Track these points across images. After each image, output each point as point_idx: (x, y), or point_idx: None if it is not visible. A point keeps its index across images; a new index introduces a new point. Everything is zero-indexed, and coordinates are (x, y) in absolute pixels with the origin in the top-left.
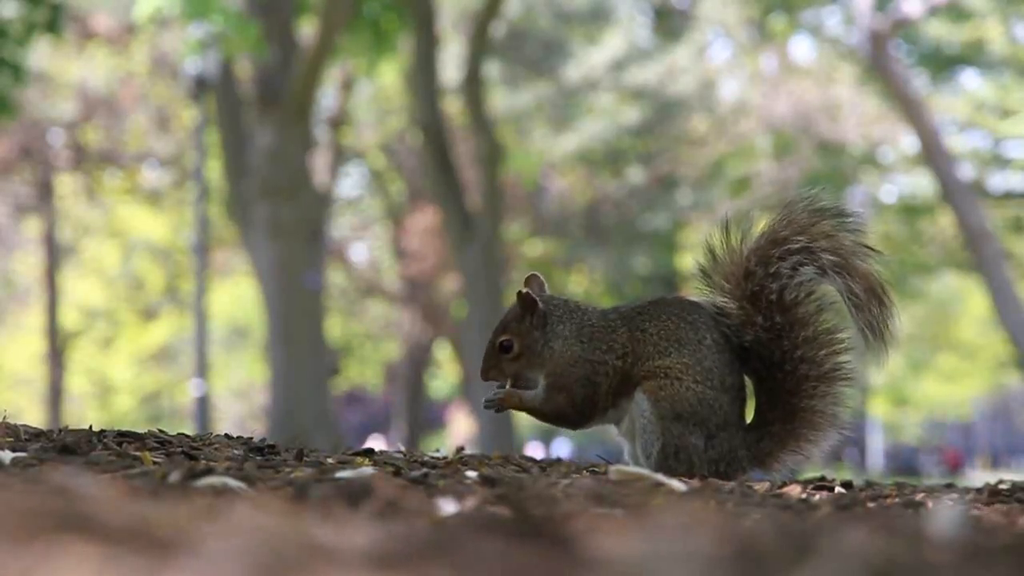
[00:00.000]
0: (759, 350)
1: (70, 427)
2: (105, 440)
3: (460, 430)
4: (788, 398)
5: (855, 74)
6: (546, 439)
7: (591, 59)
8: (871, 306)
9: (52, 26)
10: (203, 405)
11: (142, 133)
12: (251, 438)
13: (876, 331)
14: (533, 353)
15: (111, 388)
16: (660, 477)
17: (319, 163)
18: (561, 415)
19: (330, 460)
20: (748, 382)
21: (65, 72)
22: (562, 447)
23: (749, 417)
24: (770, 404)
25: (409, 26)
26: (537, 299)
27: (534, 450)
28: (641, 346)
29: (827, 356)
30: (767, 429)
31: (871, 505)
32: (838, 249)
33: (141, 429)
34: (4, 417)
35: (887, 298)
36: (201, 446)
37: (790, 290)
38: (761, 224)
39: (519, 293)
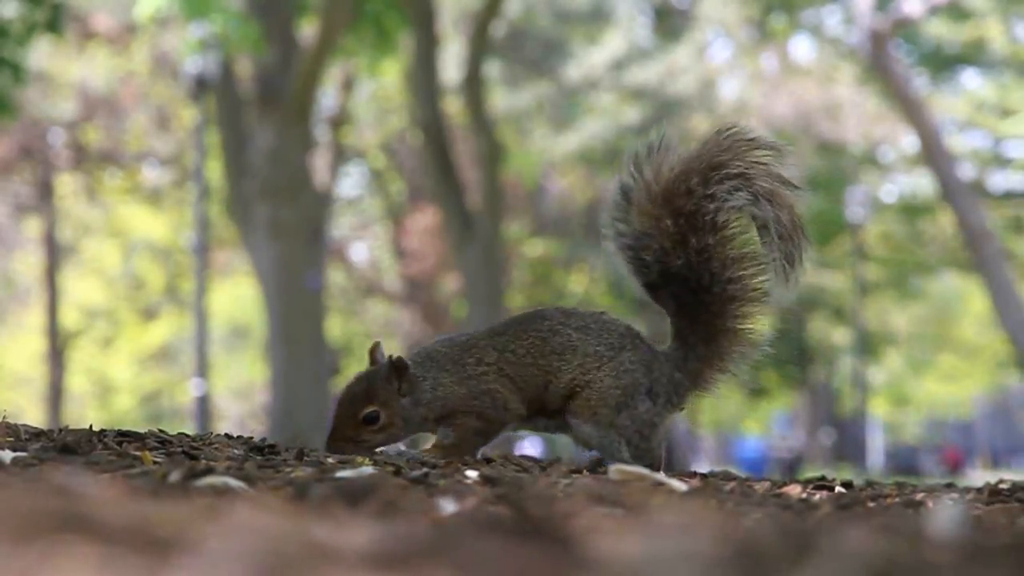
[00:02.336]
0: (686, 274)
1: (70, 427)
2: (105, 440)
3: None
4: (712, 319)
5: (855, 74)
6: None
7: (591, 59)
8: (794, 237)
9: (52, 26)
10: (203, 405)
11: (142, 133)
12: (251, 438)
13: (793, 262)
14: (404, 420)
15: (111, 388)
16: (660, 476)
17: (319, 163)
18: (483, 433)
19: (330, 460)
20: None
21: (65, 72)
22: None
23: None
24: (692, 327)
25: (409, 26)
26: (408, 363)
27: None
28: (524, 365)
29: (752, 276)
30: (691, 350)
31: (871, 505)
32: (770, 178)
33: (141, 429)
34: (4, 417)
35: (805, 232)
36: (201, 446)
37: (723, 212)
38: (690, 147)
39: (389, 358)
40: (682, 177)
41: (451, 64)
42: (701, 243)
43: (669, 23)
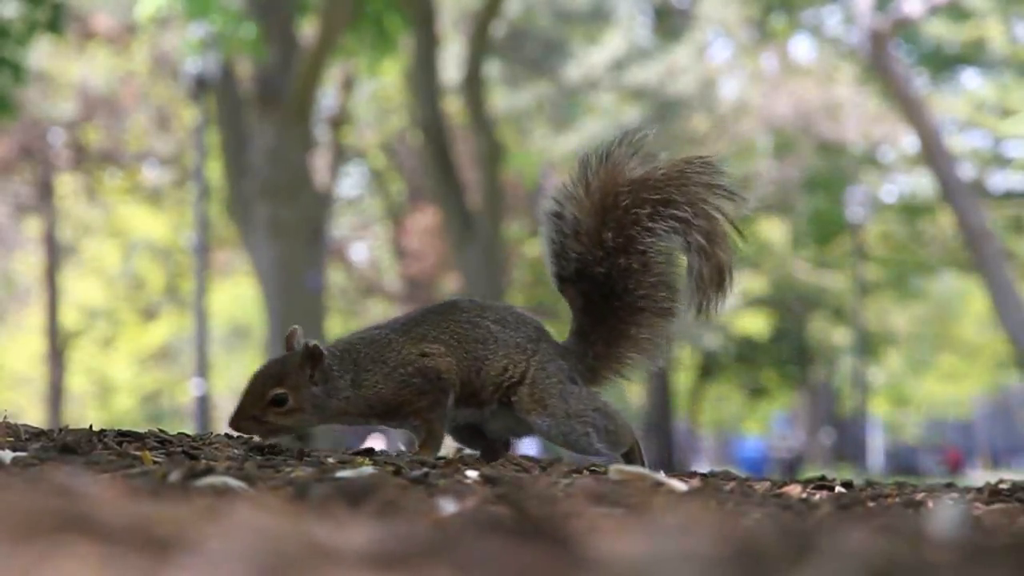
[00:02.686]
0: (603, 280)
1: (70, 427)
2: (105, 440)
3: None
4: (617, 324)
5: (855, 74)
6: None
7: (591, 59)
8: (710, 291)
9: (53, 26)
10: (203, 405)
11: (142, 133)
12: (251, 438)
13: (702, 310)
14: (315, 408)
15: (111, 388)
16: (660, 476)
17: (319, 163)
18: (435, 405)
19: (330, 460)
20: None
21: (65, 72)
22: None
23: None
24: (595, 327)
25: (409, 26)
26: (324, 351)
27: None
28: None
29: (665, 299)
30: (590, 347)
31: (871, 505)
32: (711, 234)
33: (141, 429)
34: (4, 417)
35: (727, 288)
36: (201, 446)
37: (656, 247)
38: (658, 165)
39: (305, 345)
40: (637, 201)
41: (451, 64)
42: (627, 263)
43: (669, 23)
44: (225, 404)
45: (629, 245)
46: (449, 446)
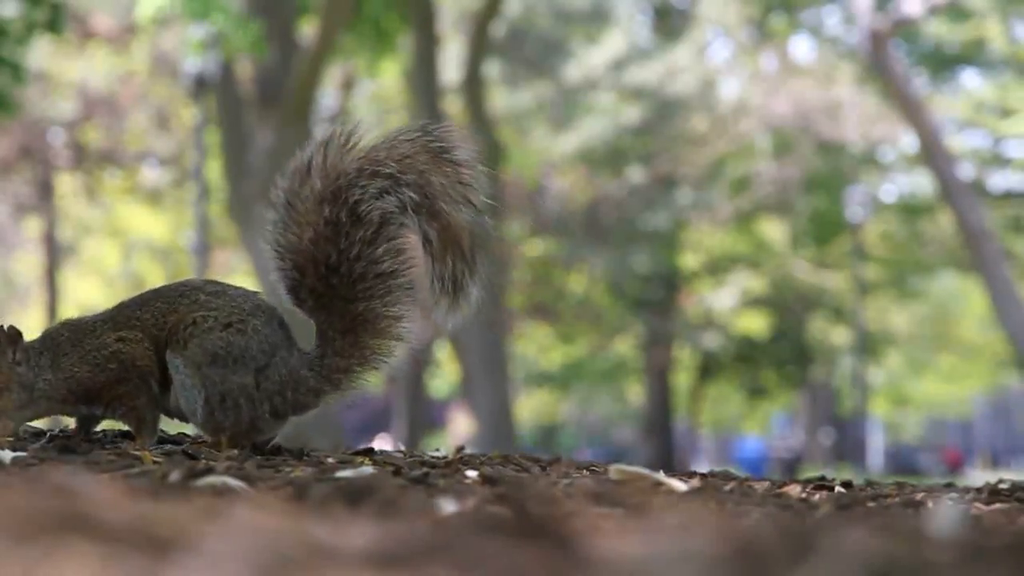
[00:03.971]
0: (328, 270)
1: (70, 427)
2: (105, 440)
3: (460, 430)
4: (347, 306)
5: (855, 74)
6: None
7: (591, 59)
8: (447, 258)
9: (52, 25)
10: None
11: (142, 133)
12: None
13: (447, 285)
14: (23, 388)
15: None
16: (660, 476)
17: None
18: (136, 393)
19: (330, 460)
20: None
21: (65, 71)
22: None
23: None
24: (329, 319)
25: (409, 26)
26: (20, 332)
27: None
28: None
29: (395, 270)
30: (330, 345)
31: (871, 505)
32: (425, 188)
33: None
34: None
35: (472, 257)
36: (201, 446)
37: (368, 209)
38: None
39: (1, 327)
40: (354, 178)
41: (451, 64)
42: (348, 242)
43: (669, 23)
44: None
45: (346, 221)
46: (449, 446)
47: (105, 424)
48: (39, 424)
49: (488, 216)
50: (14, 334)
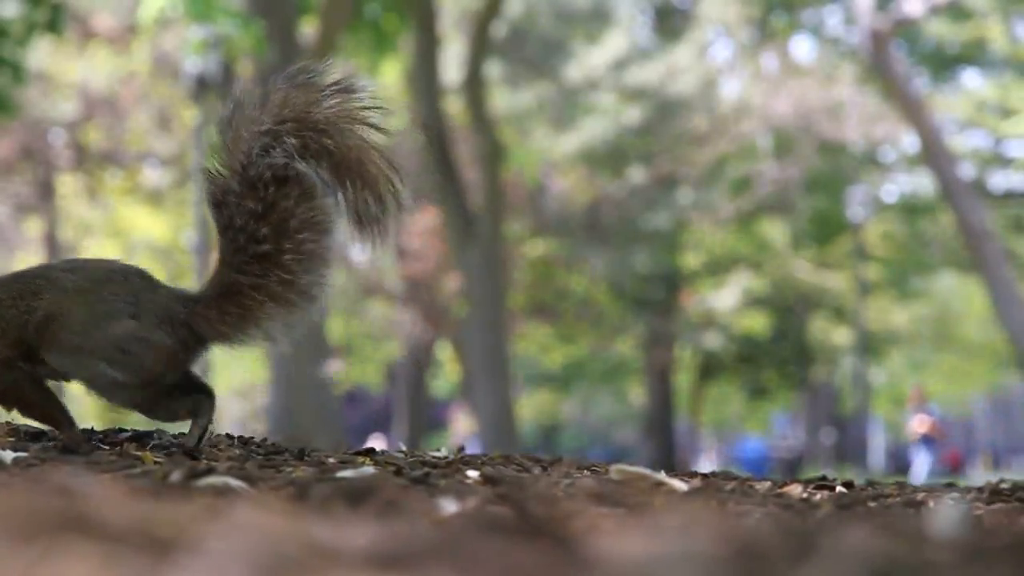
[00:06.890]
0: (240, 228)
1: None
2: (106, 440)
3: (461, 430)
4: (228, 271)
5: (856, 74)
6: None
7: (592, 59)
8: (349, 188)
9: (53, 26)
10: None
11: (143, 133)
12: (252, 438)
13: (356, 215)
14: None
15: None
16: (661, 476)
17: None
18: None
19: (331, 460)
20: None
21: (66, 72)
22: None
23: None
24: (218, 276)
25: (410, 26)
26: None
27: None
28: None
29: (273, 247)
30: (206, 295)
31: (872, 504)
32: (306, 127)
33: (142, 429)
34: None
35: (378, 179)
36: (202, 446)
37: (258, 171)
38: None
39: None
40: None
41: (451, 64)
42: (256, 205)
43: (669, 23)
44: (226, 404)
45: (240, 191)
46: (450, 446)
47: (106, 423)
48: (39, 425)
49: (397, 131)
50: None
